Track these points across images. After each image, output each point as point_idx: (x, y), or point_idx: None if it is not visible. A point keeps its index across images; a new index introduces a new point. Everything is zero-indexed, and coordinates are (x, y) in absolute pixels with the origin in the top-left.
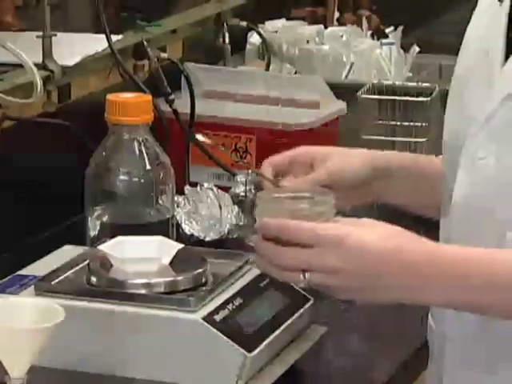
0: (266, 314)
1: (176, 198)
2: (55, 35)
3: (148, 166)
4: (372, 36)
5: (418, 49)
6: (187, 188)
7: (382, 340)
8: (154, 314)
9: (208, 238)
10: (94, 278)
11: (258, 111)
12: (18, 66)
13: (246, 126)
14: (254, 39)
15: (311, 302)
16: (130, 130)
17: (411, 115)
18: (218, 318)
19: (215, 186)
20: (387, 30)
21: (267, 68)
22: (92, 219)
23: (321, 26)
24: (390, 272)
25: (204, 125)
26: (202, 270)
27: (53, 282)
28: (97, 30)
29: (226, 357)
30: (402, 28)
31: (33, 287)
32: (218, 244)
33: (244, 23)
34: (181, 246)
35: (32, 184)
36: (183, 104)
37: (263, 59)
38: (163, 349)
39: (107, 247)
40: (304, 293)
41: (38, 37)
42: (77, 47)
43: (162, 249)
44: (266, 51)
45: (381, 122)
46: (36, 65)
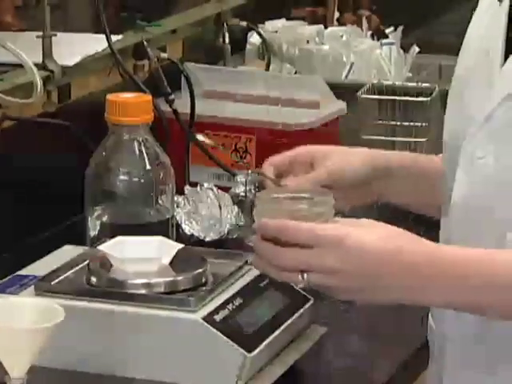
0: (266, 314)
1: (176, 198)
2: (55, 35)
3: (148, 166)
4: (372, 36)
5: (417, 49)
6: (187, 188)
7: (381, 340)
8: (153, 314)
9: (208, 238)
10: (93, 278)
11: (257, 111)
12: (18, 66)
13: (246, 126)
14: (254, 39)
15: (311, 302)
16: (129, 130)
17: (411, 115)
18: (217, 318)
19: (215, 186)
20: (387, 30)
21: (267, 68)
22: (92, 219)
23: (321, 26)
24: (390, 272)
25: (204, 125)
26: (201, 270)
27: (53, 282)
28: (97, 30)
29: (226, 357)
30: (401, 28)
31: (33, 287)
32: (217, 244)
33: (244, 23)
34: (181, 246)
35: (32, 184)
36: (183, 104)
37: (263, 59)
38: (163, 349)
39: (107, 247)
40: (304, 293)
41: (37, 37)
42: (77, 47)
43: (162, 249)
44: (265, 51)
45: (381, 122)
46: (36, 65)
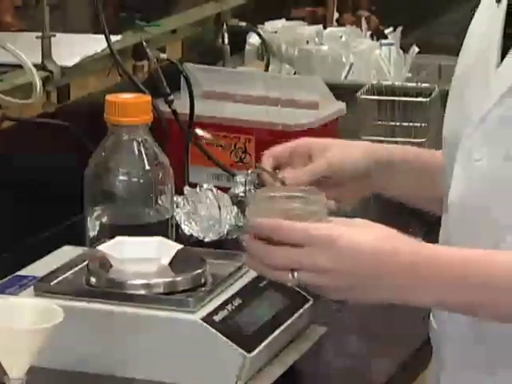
0: (266, 315)
1: (175, 199)
2: (54, 36)
3: (147, 167)
4: (371, 36)
5: (417, 49)
6: (186, 188)
7: (380, 341)
8: (153, 315)
9: (207, 239)
10: (93, 279)
11: (257, 112)
12: (18, 66)
13: (246, 126)
14: (254, 40)
15: (311, 302)
16: (129, 131)
17: (410, 116)
18: (217, 318)
19: (214, 186)
20: (386, 31)
21: (266, 68)
22: (91, 220)
23: (320, 26)
24: (388, 272)
25: (203, 125)
26: (201, 270)
27: (52, 283)
28: (96, 31)
29: (226, 357)
30: (401, 28)
31: (32, 288)
32: (217, 244)
33: (243, 23)
34: (180, 246)
35: (31, 184)
36: (182, 104)
37: (262, 60)
38: (163, 349)
39: (106, 248)
40: (303, 293)
41: (37, 37)
42: (76, 48)
43: (162, 249)
44: (265, 52)
45: (380, 123)
46: (35, 65)
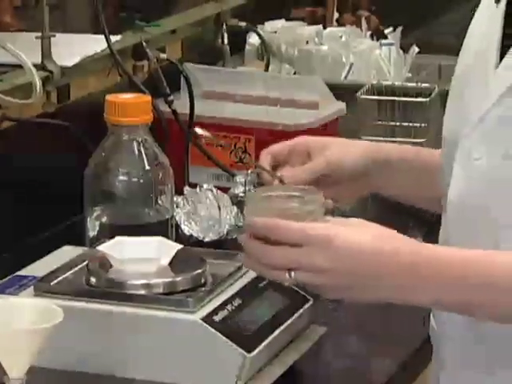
0: (266, 315)
1: (175, 199)
2: (54, 36)
3: (147, 167)
4: (371, 36)
5: (417, 49)
6: (186, 189)
7: (381, 340)
8: (152, 315)
9: (207, 239)
10: (93, 279)
11: (257, 112)
12: (17, 66)
13: (246, 126)
14: (254, 40)
15: (311, 302)
16: (129, 131)
17: (410, 116)
18: (217, 318)
19: (214, 186)
20: (386, 31)
21: (266, 68)
22: (91, 220)
23: (320, 26)
24: (388, 273)
25: (203, 125)
26: (201, 270)
27: (52, 283)
28: (96, 31)
29: (226, 357)
30: (401, 28)
31: (32, 288)
32: (217, 245)
33: (243, 24)
34: (180, 246)
35: (31, 184)
36: (182, 104)
37: (262, 60)
38: (162, 349)
39: (106, 248)
40: (303, 293)
41: (37, 37)
42: (76, 48)
43: (161, 249)
44: (265, 52)
45: (380, 123)
46: (35, 65)
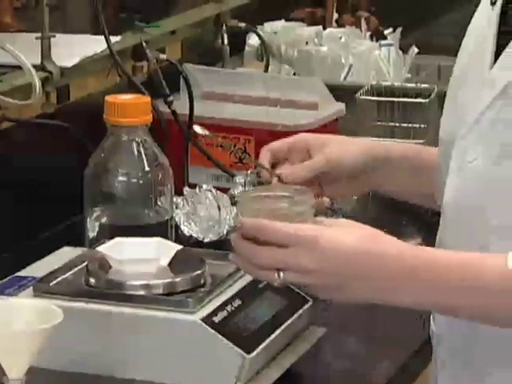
0: (265, 315)
1: (175, 199)
2: (54, 36)
3: (147, 167)
4: (371, 37)
5: (416, 50)
6: (186, 189)
7: (380, 342)
8: (152, 315)
9: (207, 239)
10: (92, 280)
11: (256, 112)
12: (17, 67)
13: (245, 127)
14: (253, 40)
15: (310, 303)
16: (128, 131)
17: (410, 116)
18: (216, 319)
19: (214, 187)
20: (386, 32)
21: (266, 69)
22: (91, 220)
23: (319, 27)
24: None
25: (203, 126)
26: (200, 271)
27: (51, 284)
28: (95, 31)
29: (225, 358)
30: (400, 29)
31: (31, 288)
32: (216, 245)
33: (243, 24)
34: (179, 247)
35: (31, 185)
36: (182, 105)
37: (262, 60)
38: (162, 350)
39: (106, 248)
40: (303, 294)
41: (36, 38)
42: (75, 48)
43: (161, 250)
44: (264, 52)
45: (379, 124)
46: (34, 66)
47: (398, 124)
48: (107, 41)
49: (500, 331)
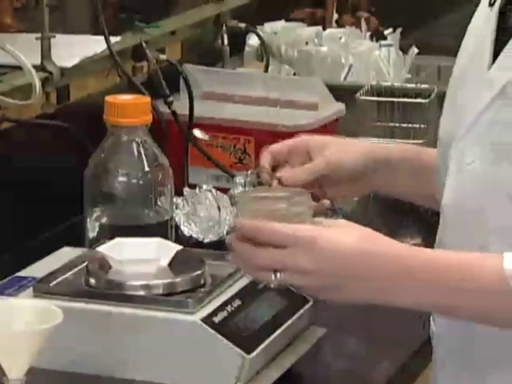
0: (265, 316)
1: (175, 200)
2: (54, 37)
3: (147, 168)
4: (371, 38)
5: (416, 50)
6: (186, 189)
7: (380, 342)
8: (152, 316)
9: (207, 240)
10: (92, 280)
11: (256, 113)
12: (17, 67)
13: (245, 127)
14: (253, 41)
15: (310, 303)
16: (128, 132)
17: (410, 117)
18: (216, 319)
19: (214, 187)
20: (386, 32)
21: (266, 69)
22: (91, 221)
23: (319, 27)
24: (370, 274)
25: (203, 126)
26: (200, 271)
27: (51, 284)
28: (95, 32)
29: (225, 358)
30: (400, 29)
31: (31, 289)
32: (216, 245)
33: (243, 25)
34: (179, 247)
35: (31, 185)
36: (182, 105)
37: (262, 61)
38: (162, 350)
39: (106, 249)
40: (303, 294)
41: (36, 38)
42: (75, 49)
43: (161, 250)
44: (264, 53)
45: (379, 124)
46: (35, 66)
47: (397, 124)
48: (107, 41)
49: (498, 332)
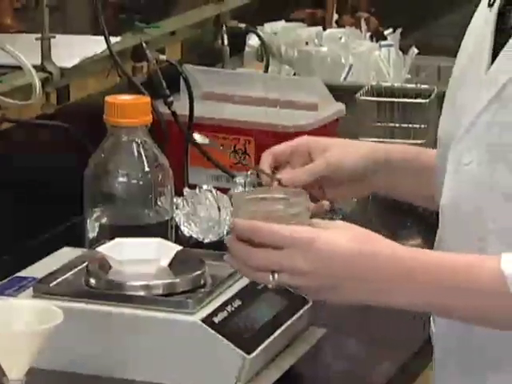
0: (265, 316)
1: (175, 200)
2: (54, 37)
3: (147, 168)
4: (371, 38)
5: (416, 50)
6: (186, 190)
7: (380, 343)
8: (152, 316)
9: (207, 240)
10: (92, 280)
11: (256, 113)
12: (17, 68)
13: (245, 127)
14: (253, 41)
15: (310, 303)
16: (128, 132)
17: (410, 117)
18: (216, 319)
19: (214, 187)
20: (386, 32)
21: (266, 70)
22: (91, 221)
23: (320, 27)
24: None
25: (203, 126)
26: (200, 271)
27: (51, 284)
28: (95, 32)
29: (225, 359)
30: (400, 30)
31: (31, 289)
32: (216, 246)
33: (243, 25)
34: (179, 247)
35: (31, 186)
36: (182, 106)
37: (262, 61)
38: (162, 351)
39: (106, 249)
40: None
41: (36, 39)
42: (75, 49)
43: (161, 250)
44: (264, 53)
45: (379, 124)
46: (35, 67)
47: (397, 124)
48: (107, 41)
49: (498, 332)
